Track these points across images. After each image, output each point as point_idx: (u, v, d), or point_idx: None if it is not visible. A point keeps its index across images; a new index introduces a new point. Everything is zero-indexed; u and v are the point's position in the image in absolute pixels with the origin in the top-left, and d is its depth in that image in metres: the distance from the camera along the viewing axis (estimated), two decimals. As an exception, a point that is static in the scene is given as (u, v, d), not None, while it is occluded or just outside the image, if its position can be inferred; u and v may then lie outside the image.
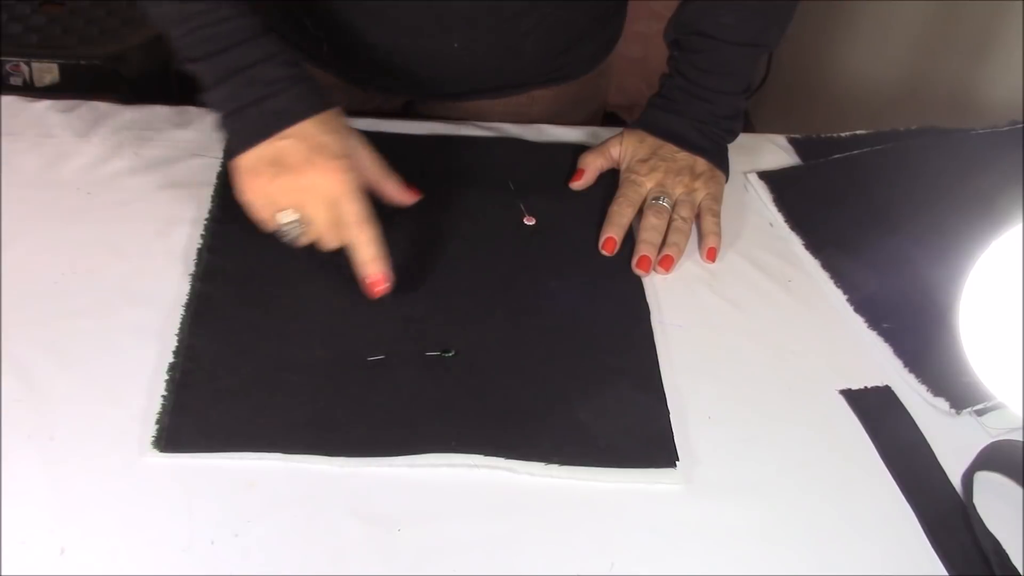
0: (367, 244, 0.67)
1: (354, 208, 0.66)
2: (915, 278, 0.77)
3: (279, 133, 0.66)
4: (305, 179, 0.66)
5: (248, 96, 0.67)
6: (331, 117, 0.68)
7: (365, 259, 0.67)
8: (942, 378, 0.70)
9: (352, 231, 0.67)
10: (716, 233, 0.79)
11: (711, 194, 0.81)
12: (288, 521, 0.57)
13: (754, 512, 0.61)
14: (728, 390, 0.68)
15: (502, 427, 0.63)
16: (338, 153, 0.67)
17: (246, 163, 0.67)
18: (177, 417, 0.61)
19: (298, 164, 0.66)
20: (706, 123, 0.82)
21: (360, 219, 0.66)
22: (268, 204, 0.68)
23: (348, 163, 0.67)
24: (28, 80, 1.28)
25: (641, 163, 0.81)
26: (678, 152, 0.81)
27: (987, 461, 0.65)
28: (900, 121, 0.94)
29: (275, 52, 0.68)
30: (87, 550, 0.55)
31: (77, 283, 0.70)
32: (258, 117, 0.67)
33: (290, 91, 0.67)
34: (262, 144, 0.66)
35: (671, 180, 0.80)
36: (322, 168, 0.66)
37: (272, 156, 0.66)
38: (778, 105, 1.97)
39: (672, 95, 0.83)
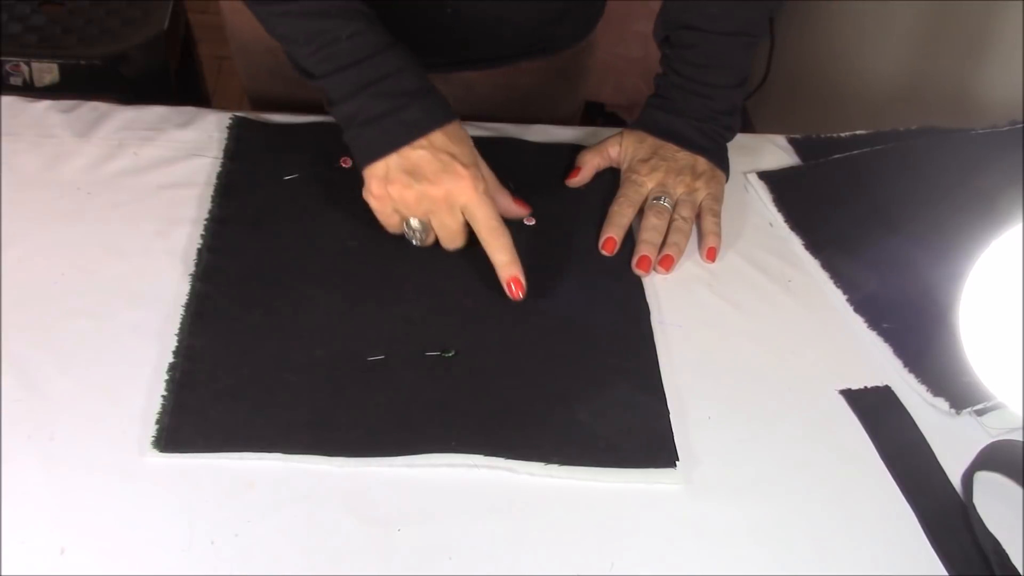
0: (502, 249, 0.70)
1: (488, 213, 0.70)
2: (915, 278, 0.77)
3: (412, 143, 0.69)
4: (439, 189, 0.69)
5: (381, 108, 0.69)
6: (457, 127, 0.71)
7: (503, 262, 0.71)
8: (942, 378, 0.70)
9: (488, 236, 0.70)
10: (716, 233, 0.79)
11: (712, 194, 0.81)
12: (288, 521, 0.57)
13: (754, 512, 0.61)
14: (728, 390, 0.68)
15: (502, 427, 0.63)
16: (468, 163, 0.70)
17: (379, 172, 0.70)
18: (177, 417, 0.61)
19: (432, 174, 0.69)
20: (705, 121, 0.82)
21: (494, 224, 0.70)
22: (399, 210, 0.71)
23: (478, 172, 0.70)
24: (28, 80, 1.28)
25: (642, 163, 0.81)
26: (679, 152, 0.81)
27: (987, 461, 0.65)
28: (900, 121, 0.94)
29: (404, 65, 0.70)
30: (87, 550, 0.55)
31: (77, 283, 0.70)
32: (391, 128, 0.69)
33: (421, 102, 0.70)
34: (395, 154, 0.69)
35: (672, 180, 0.80)
36: (456, 177, 0.69)
37: (406, 166, 0.69)
38: (778, 105, 1.97)
39: (668, 93, 0.83)
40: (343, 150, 0.77)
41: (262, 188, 0.78)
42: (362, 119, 0.70)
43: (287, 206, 0.76)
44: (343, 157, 0.78)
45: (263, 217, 0.75)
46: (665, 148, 0.82)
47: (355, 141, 0.71)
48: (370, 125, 0.69)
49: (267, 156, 0.80)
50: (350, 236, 0.75)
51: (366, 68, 0.69)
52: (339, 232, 0.75)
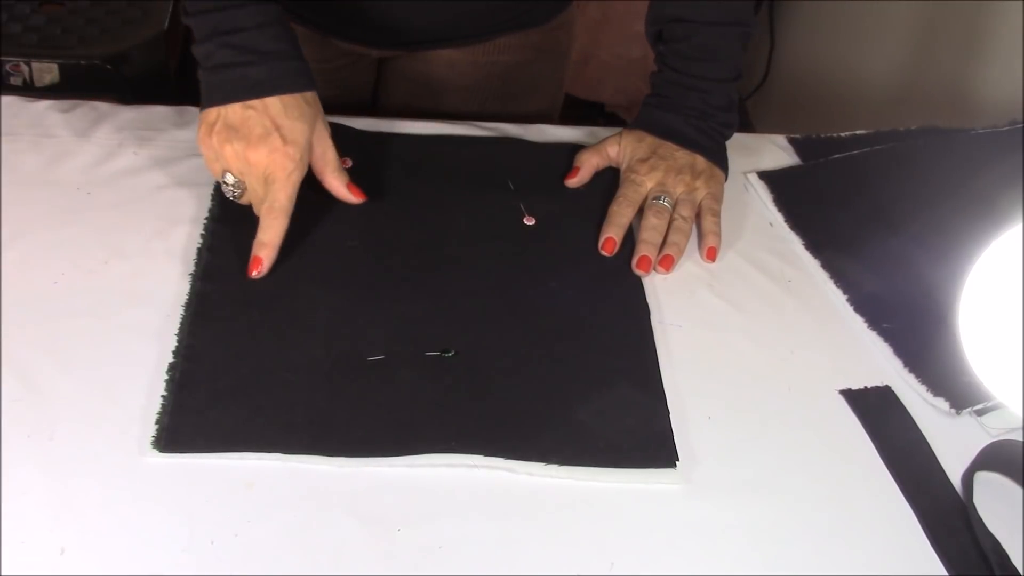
0: (269, 230, 0.71)
1: (278, 196, 0.71)
2: (915, 278, 0.77)
3: (245, 102, 0.70)
4: (254, 154, 0.70)
5: (229, 58, 0.70)
6: (300, 101, 0.71)
7: (263, 240, 0.71)
8: (942, 378, 0.70)
9: (265, 213, 0.71)
10: (716, 233, 0.79)
11: (711, 193, 0.81)
12: (288, 521, 0.57)
13: (754, 512, 0.61)
14: (728, 390, 0.68)
15: (502, 427, 0.63)
16: (292, 139, 0.70)
17: (209, 118, 0.71)
18: (177, 417, 0.61)
19: (252, 137, 0.70)
20: (702, 118, 0.82)
21: (277, 207, 0.71)
22: (216, 161, 0.72)
23: (296, 152, 0.71)
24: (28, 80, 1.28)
25: (641, 162, 0.81)
26: (677, 150, 0.81)
27: (987, 461, 0.65)
28: (900, 121, 0.94)
29: (266, 22, 0.71)
30: (87, 550, 0.55)
31: (77, 283, 0.69)
32: (232, 80, 0.70)
33: (269, 64, 0.70)
34: (228, 106, 0.70)
35: (671, 179, 0.80)
36: (271, 148, 0.70)
37: (233, 121, 0.70)
38: (778, 105, 1.97)
39: (664, 91, 0.83)
40: (342, 150, 0.78)
41: (262, 188, 0.78)
42: (211, 64, 0.71)
43: (287, 206, 0.76)
44: (343, 157, 0.78)
45: (263, 217, 0.75)
46: (664, 147, 0.82)
47: (202, 82, 0.72)
48: (216, 72, 0.71)
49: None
50: (350, 236, 0.75)
51: (226, 16, 0.70)
52: (339, 232, 0.75)
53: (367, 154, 0.82)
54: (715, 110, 0.82)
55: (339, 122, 0.83)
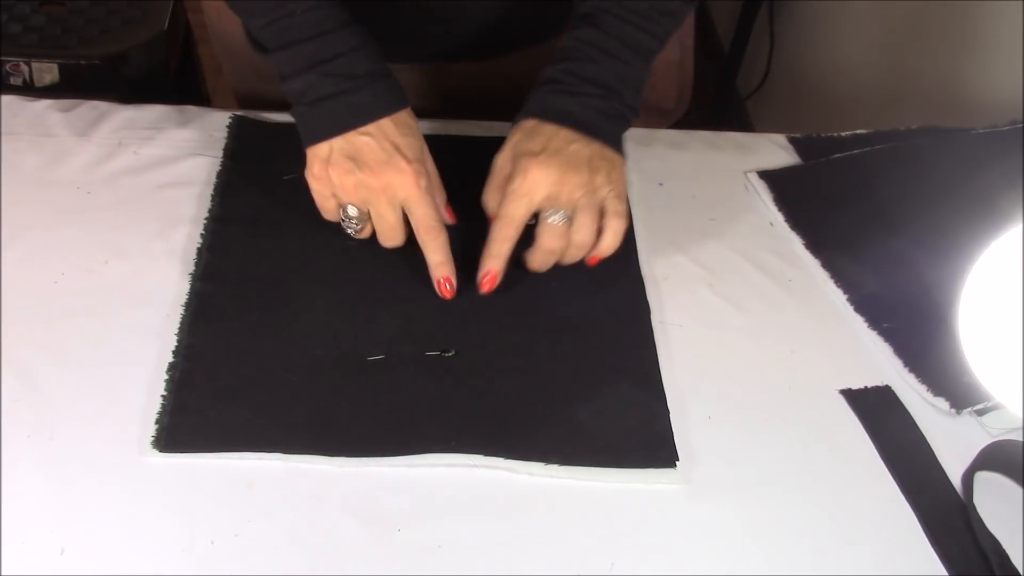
0: (438, 248, 0.69)
1: (428, 212, 0.68)
2: (915, 278, 0.77)
3: (359, 129, 0.67)
4: (381, 180, 0.67)
5: (330, 88, 0.67)
6: (407, 117, 0.70)
7: (436, 261, 0.70)
8: (942, 378, 0.70)
9: (424, 235, 0.69)
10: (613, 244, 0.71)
11: (614, 191, 0.70)
12: (288, 521, 0.57)
13: (754, 512, 0.61)
14: (728, 390, 0.68)
15: (502, 427, 0.63)
16: (414, 157, 0.68)
17: (321, 153, 0.68)
18: (177, 417, 0.61)
19: (375, 163, 0.67)
20: (606, 96, 0.71)
21: (432, 223, 0.69)
22: (331, 198, 0.69)
23: (422, 167, 0.69)
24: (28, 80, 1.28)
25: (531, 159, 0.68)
26: (574, 140, 0.69)
27: (987, 461, 0.65)
28: (900, 121, 0.94)
29: (359, 45, 0.68)
30: (87, 550, 0.55)
31: (77, 283, 0.70)
32: (339, 110, 0.67)
33: (372, 87, 0.68)
34: (340, 137, 0.67)
35: (568, 183, 0.68)
36: (398, 170, 0.67)
37: (350, 151, 0.67)
38: (778, 105, 1.97)
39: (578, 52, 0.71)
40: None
41: (262, 188, 0.78)
42: (310, 98, 0.68)
43: (287, 206, 0.76)
44: None
45: (263, 217, 0.75)
46: (557, 138, 0.69)
47: (302, 119, 0.69)
48: (318, 105, 0.68)
49: (267, 156, 0.80)
50: (350, 236, 0.75)
51: (318, 45, 0.67)
52: (339, 232, 0.75)
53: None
54: (624, 87, 0.72)
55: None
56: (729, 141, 0.91)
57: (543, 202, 0.68)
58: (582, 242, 0.70)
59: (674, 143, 0.90)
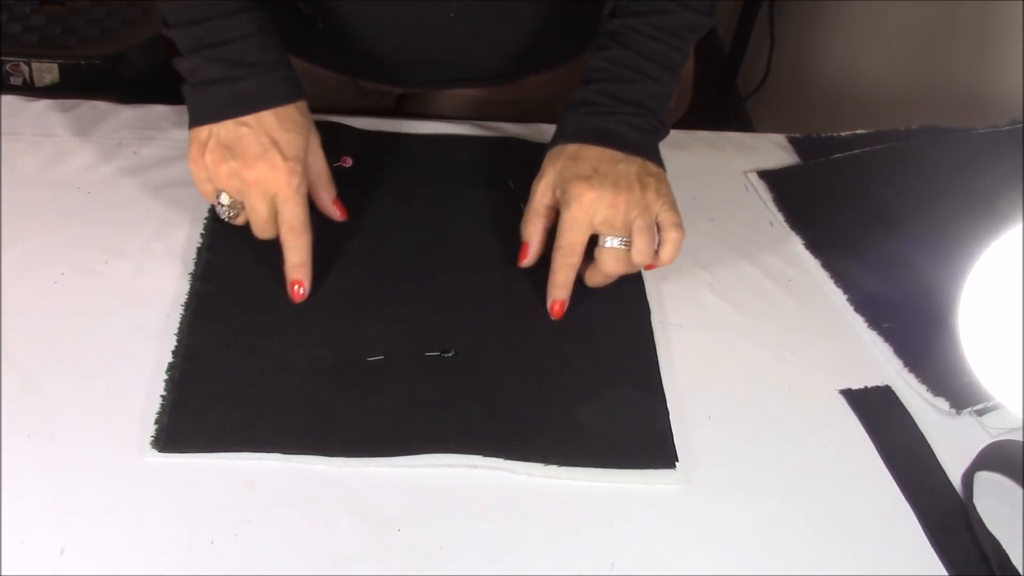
0: (298, 250, 0.68)
1: (294, 212, 0.68)
2: (915, 278, 0.77)
3: (238, 119, 0.67)
4: (253, 172, 0.66)
5: (216, 72, 0.67)
6: (294, 112, 0.68)
7: (294, 263, 0.69)
8: (942, 378, 0.70)
9: (287, 235, 0.68)
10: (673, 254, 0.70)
11: (666, 203, 0.70)
12: (288, 521, 0.57)
13: (754, 512, 0.61)
14: (728, 390, 0.68)
15: (501, 427, 0.63)
16: (291, 154, 0.67)
17: (200, 137, 0.68)
18: (176, 417, 0.61)
19: (249, 155, 0.66)
20: (639, 113, 0.71)
21: (296, 225, 0.68)
22: (208, 182, 0.69)
23: (298, 166, 0.68)
24: (28, 80, 1.28)
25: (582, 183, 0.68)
26: (620, 161, 0.69)
27: (987, 461, 0.65)
28: (900, 121, 0.94)
29: (252, 32, 0.67)
30: (87, 550, 0.55)
31: (77, 283, 0.70)
32: (221, 96, 0.67)
33: (259, 77, 0.67)
34: (219, 123, 0.67)
35: (621, 205, 0.68)
36: (271, 165, 0.66)
37: (226, 139, 0.67)
38: (778, 105, 1.97)
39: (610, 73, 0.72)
40: (343, 150, 0.77)
41: (262, 188, 0.77)
42: (196, 79, 0.68)
43: (287, 206, 0.76)
44: (343, 156, 0.78)
45: (263, 217, 0.75)
46: (604, 161, 0.69)
47: (188, 99, 0.69)
48: (203, 88, 0.67)
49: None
50: (350, 236, 0.75)
51: (209, 28, 0.67)
52: (339, 232, 0.75)
53: (367, 154, 0.82)
54: (657, 104, 0.72)
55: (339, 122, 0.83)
56: (729, 141, 0.91)
57: (600, 225, 0.68)
58: (643, 263, 0.70)
59: (674, 143, 0.89)
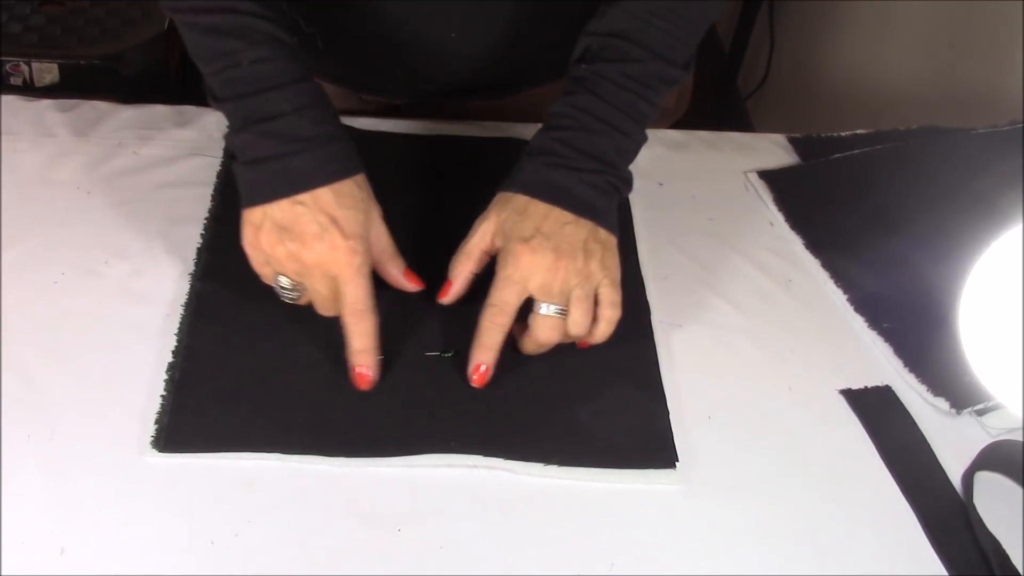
0: (362, 336, 0.64)
1: (357, 295, 0.63)
2: (915, 278, 0.77)
3: (293, 197, 0.62)
4: (312, 254, 0.62)
5: (268, 149, 0.63)
6: (353, 187, 0.64)
7: (357, 349, 0.64)
8: (942, 378, 0.70)
9: (349, 318, 0.64)
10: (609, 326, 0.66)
11: (608, 276, 0.66)
12: (288, 521, 0.57)
13: (754, 512, 0.61)
14: (728, 390, 0.68)
15: (501, 427, 0.63)
16: (351, 232, 0.63)
17: (254, 219, 0.63)
18: (176, 417, 0.61)
19: (307, 236, 0.62)
20: (602, 171, 0.67)
21: (360, 308, 0.63)
22: (266, 264, 0.65)
23: (360, 245, 0.63)
24: (28, 80, 1.28)
25: (522, 245, 0.64)
26: (568, 223, 0.65)
27: (987, 461, 0.65)
28: (900, 121, 0.94)
29: (305, 105, 0.63)
30: (87, 550, 0.55)
31: (77, 283, 0.69)
32: (275, 174, 0.63)
33: (314, 152, 0.63)
34: (274, 203, 0.62)
35: (562, 270, 0.64)
36: (331, 246, 0.62)
37: (282, 220, 0.62)
38: (778, 105, 1.97)
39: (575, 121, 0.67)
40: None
41: (262, 188, 0.77)
42: (248, 157, 0.63)
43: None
44: None
45: (263, 217, 0.75)
46: (550, 220, 0.65)
47: (241, 178, 0.64)
48: (255, 166, 0.63)
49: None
50: None
51: (261, 101, 0.62)
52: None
53: (367, 154, 0.82)
54: (621, 158, 0.68)
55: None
56: (729, 141, 0.91)
57: (536, 290, 0.64)
58: (578, 335, 0.66)
59: (674, 143, 0.90)
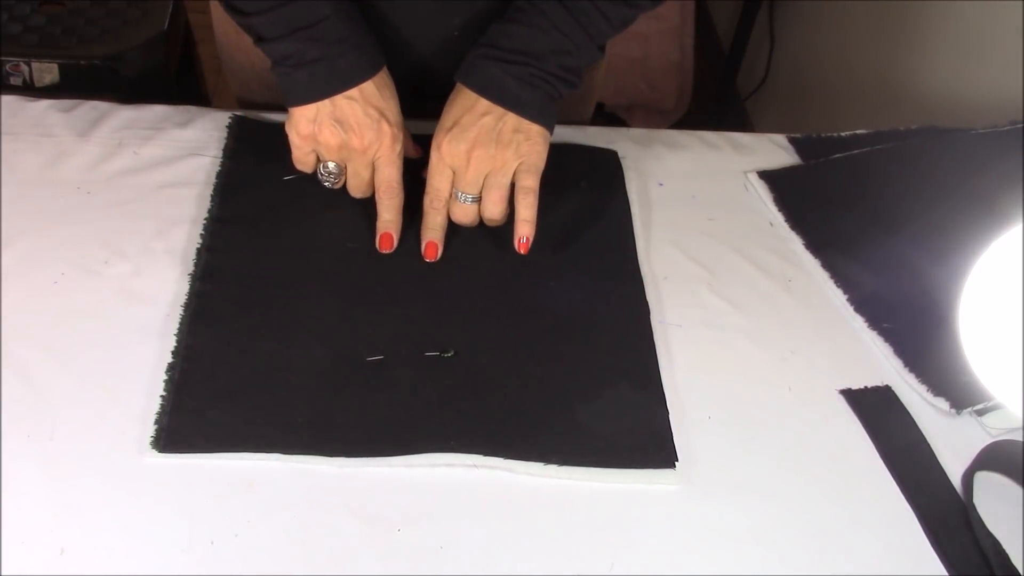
0: (392, 208, 0.73)
1: (392, 173, 0.73)
2: (915, 278, 0.77)
3: (345, 93, 0.70)
4: (363, 141, 0.71)
5: (315, 52, 0.69)
6: (386, 77, 0.72)
7: (386, 219, 0.74)
8: (942, 378, 0.70)
9: (384, 194, 0.73)
10: (529, 220, 0.72)
11: (525, 164, 0.71)
12: (288, 521, 0.57)
13: (754, 512, 0.61)
14: (728, 390, 0.68)
15: (501, 427, 0.63)
16: (395, 120, 0.72)
17: (310, 114, 0.70)
18: (176, 417, 0.61)
19: (360, 127, 0.70)
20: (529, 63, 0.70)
21: (394, 184, 0.73)
22: (310, 153, 0.73)
23: (400, 132, 0.72)
24: (28, 80, 1.28)
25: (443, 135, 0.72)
26: (485, 114, 0.71)
27: (987, 461, 0.65)
28: (900, 121, 0.94)
29: (339, 8, 0.69)
30: (87, 550, 0.55)
31: (77, 283, 0.70)
32: (325, 74, 0.69)
33: (356, 51, 0.70)
34: (327, 99, 0.70)
35: (473, 162, 0.71)
36: (379, 133, 0.71)
37: (337, 114, 0.70)
38: (778, 105, 1.97)
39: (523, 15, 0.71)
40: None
41: (262, 188, 0.78)
42: (295, 61, 0.69)
43: (287, 206, 0.76)
44: None
45: (263, 217, 0.75)
46: (471, 111, 0.71)
47: (286, 80, 0.70)
48: (303, 68, 0.69)
49: (267, 156, 0.80)
50: (350, 236, 0.75)
51: (300, 9, 0.68)
52: (339, 232, 0.75)
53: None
54: (557, 56, 0.71)
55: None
56: (729, 141, 0.91)
57: (455, 177, 0.73)
58: (491, 218, 0.74)
59: (674, 143, 0.90)
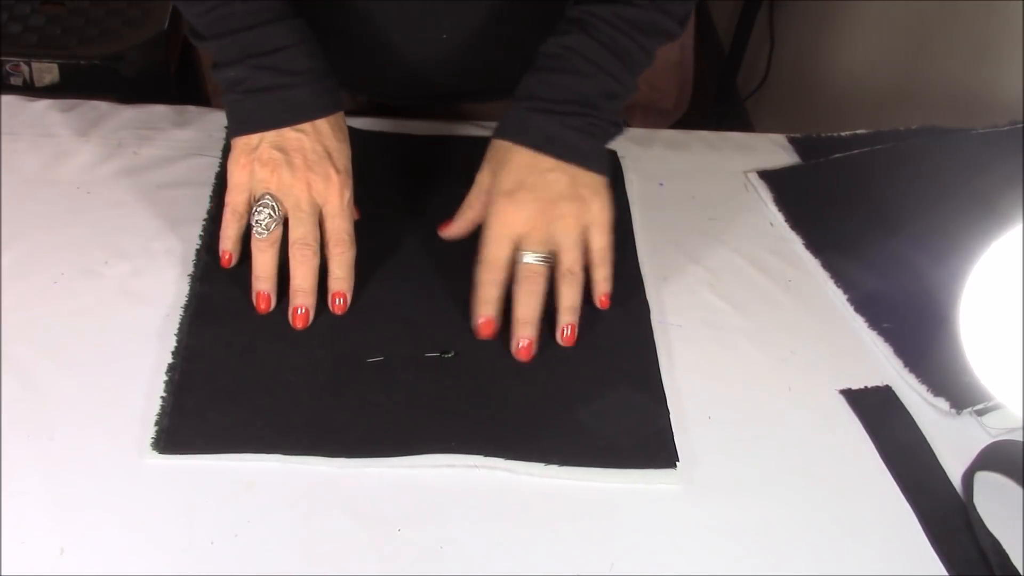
0: (344, 264, 0.68)
1: (342, 226, 0.68)
2: (916, 278, 0.77)
3: (295, 126, 0.67)
4: (306, 181, 0.66)
5: (267, 81, 0.66)
6: (342, 120, 0.69)
7: (337, 276, 0.68)
8: (942, 378, 0.70)
9: (333, 248, 0.68)
10: (606, 278, 0.69)
11: (597, 222, 0.67)
12: (288, 521, 0.57)
13: (754, 512, 0.61)
14: (728, 390, 0.68)
15: (502, 427, 0.63)
16: (343, 166, 0.68)
17: (251, 142, 0.67)
18: (176, 418, 0.61)
19: (305, 164, 0.66)
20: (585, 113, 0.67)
21: (345, 238, 0.68)
22: (254, 188, 0.67)
23: (348, 179, 0.68)
24: (28, 80, 1.28)
25: (505, 199, 0.66)
26: (551, 170, 0.66)
27: (987, 461, 0.65)
28: (900, 121, 0.94)
29: (299, 40, 0.67)
30: (87, 550, 0.55)
31: (77, 283, 0.69)
32: (275, 104, 0.66)
33: (311, 85, 0.67)
34: (273, 131, 0.66)
35: (544, 222, 0.66)
36: (325, 177, 0.67)
37: (281, 146, 0.66)
38: (778, 105, 1.97)
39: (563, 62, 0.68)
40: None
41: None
42: (246, 87, 0.67)
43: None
44: None
45: (263, 217, 0.75)
46: (535, 169, 0.67)
47: (234, 108, 0.68)
48: (253, 96, 0.66)
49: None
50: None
51: (257, 36, 0.66)
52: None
53: (367, 154, 0.82)
54: (607, 101, 0.69)
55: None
56: (729, 141, 0.91)
57: (521, 241, 0.66)
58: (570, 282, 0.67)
59: (674, 143, 0.90)
